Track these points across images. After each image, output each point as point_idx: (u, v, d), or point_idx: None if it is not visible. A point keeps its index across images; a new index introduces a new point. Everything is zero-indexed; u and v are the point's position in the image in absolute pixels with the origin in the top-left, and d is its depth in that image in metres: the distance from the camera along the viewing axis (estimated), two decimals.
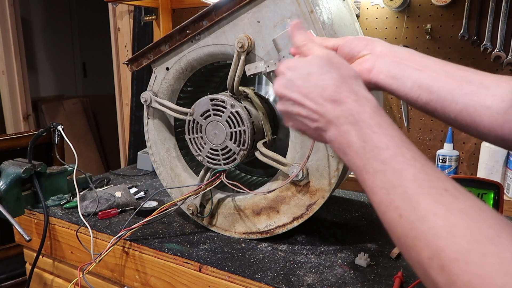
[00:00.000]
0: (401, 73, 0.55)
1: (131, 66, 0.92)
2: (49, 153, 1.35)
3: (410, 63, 0.55)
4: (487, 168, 1.04)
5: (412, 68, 0.55)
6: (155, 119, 0.93)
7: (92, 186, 1.10)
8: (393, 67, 0.56)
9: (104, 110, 3.29)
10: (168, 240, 0.87)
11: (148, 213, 0.86)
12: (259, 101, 0.87)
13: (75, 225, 0.95)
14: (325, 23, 0.73)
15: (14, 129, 2.44)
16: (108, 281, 0.96)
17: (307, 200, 0.77)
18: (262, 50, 0.76)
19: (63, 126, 1.08)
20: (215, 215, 0.89)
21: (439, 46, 1.11)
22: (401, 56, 0.56)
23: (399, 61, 0.56)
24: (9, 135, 1.31)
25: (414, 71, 0.55)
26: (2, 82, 2.38)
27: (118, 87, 1.89)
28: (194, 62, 0.85)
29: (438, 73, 0.55)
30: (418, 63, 0.55)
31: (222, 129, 0.81)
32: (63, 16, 3.58)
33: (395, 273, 0.71)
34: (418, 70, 0.55)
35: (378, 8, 1.16)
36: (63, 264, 1.04)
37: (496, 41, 1.03)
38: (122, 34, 1.81)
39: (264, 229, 0.83)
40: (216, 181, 0.84)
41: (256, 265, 0.75)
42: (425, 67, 0.55)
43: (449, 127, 1.12)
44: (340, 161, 0.73)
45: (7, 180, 0.93)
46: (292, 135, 0.78)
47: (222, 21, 0.79)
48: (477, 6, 1.04)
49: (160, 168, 0.95)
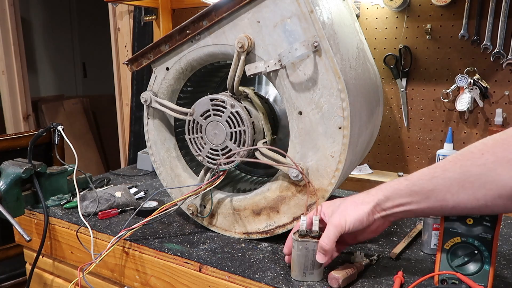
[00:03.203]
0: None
1: (131, 66, 0.92)
2: (49, 153, 1.35)
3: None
4: None
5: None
6: (155, 119, 0.93)
7: (92, 186, 1.10)
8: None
9: (104, 110, 3.29)
10: (168, 240, 0.87)
11: (148, 213, 0.86)
12: (259, 101, 0.87)
13: (75, 225, 0.95)
14: (325, 23, 0.73)
15: (14, 129, 2.45)
16: (108, 281, 0.96)
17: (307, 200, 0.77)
18: (262, 50, 0.76)
19: (63, 126, 1.07)
20: (215, 215, 0.89)
21: (439, 46, 1.11)
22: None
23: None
24: (9, 135, 1.31)
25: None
26: (2, 82, 2.38)
27: (118, 87, 1.89)
28: (194, 62, 0.85)
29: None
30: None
31: (222, 129, 0.81)
32: (63, 16, 3.58)
33: (395, 273, 0.71)
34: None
35: (378, 8, 1.16)
36: (63, 264, 1.04)
37: (496, 41, 1.03)
38: (122, 34, 1.82)
39: (264, 229, 0.83)
40: (216, 181, 0.83)
41: (256, 265, 0.75)
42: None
43: (449, 127, 1.12)
44: (340, 161, 0.74)
45: (7, 180, 0.93)
46: (292, 135, 0.78)
47: (222, 21, 0.79)
48: (477, 6, 1.04)
49: (160, 168, 0.95)
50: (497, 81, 1.06)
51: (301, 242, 0.68)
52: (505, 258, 0.79)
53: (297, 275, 0.70)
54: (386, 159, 1.24)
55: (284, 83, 0.75)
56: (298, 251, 0.68)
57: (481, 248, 0.61)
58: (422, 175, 0.60)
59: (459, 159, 0.56)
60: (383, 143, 1.23)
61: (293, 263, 0.70)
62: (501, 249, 0.83)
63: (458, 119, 1.12)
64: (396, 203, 0.62)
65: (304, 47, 0.71)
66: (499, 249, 0.83)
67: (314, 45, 0.71)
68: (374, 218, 0.64)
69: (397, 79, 1.17)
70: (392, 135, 1.21)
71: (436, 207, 0.58)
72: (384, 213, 0.63)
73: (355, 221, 0.64)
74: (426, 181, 0.58)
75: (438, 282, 0.64)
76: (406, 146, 1.20)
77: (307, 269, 0.69)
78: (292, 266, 0.70)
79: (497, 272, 0.73)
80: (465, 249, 0.62)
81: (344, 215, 0.65)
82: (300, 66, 0.73)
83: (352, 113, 0.72)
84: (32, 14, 3.32)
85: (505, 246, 0.84)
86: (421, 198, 0.59)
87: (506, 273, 0.73)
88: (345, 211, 0.65)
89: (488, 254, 0.61)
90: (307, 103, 0.74)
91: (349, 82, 0.73)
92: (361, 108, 0.80)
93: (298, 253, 0.69)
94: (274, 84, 0.77)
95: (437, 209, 0.59)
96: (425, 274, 0.65)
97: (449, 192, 0.56)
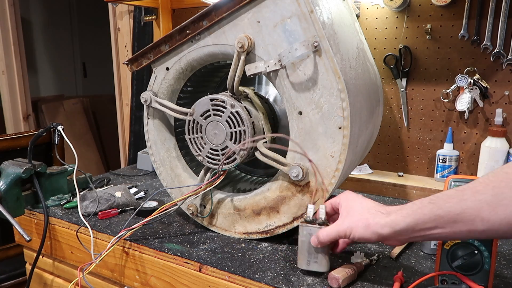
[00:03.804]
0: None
1: (131, 66, 0.92)
2: (49, 153, 1.35)
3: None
4: (487, 168, 1.04)
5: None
6: (155, 119, 0.93)
7: (92, 186, 1.10)
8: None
9: (104, 110, 3.29)
10: (168, 240, 0.87)
11: (148, 213, 0.86)
12: (259, 101, 0.87)
13: (75, 225, 0.95)
14: (325, 23, 0.73)
15: (14, 129, 2.45)
16: (108, 281, 0.96)
17: (307, 200, 0.77)
18: (262, 50, 0.76)
19: (63, 126, 1.07)
20: (215, 215, 0.89)
21: (439, 46, 1.11)
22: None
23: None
24: (9, 135, 1.31)
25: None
26: (2, 82, 2.38)
27: (118, 87, 1.89)
28: (194, 62, 0.85)
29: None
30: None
31: (222, 129, 0.81)
32: (63, 16, 3.59)
33: (395, 273, 0.71)
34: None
35: (378, 8, 1.16)
36: (63, 264, 1.04)
37: (496, 41, 1.03)
38: (122, 34, 1.82)
39: (264, 229, 0.83)
40: (216, 181, 0.83)
41: (256, 265, 0.75)
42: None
43: (449, 127, 1.12)
44: (340, 161, 0.74)
45: (7, 180, 0.93)
46: (292, 135, 0.78)
47: (222, 21, 0.79)
48: (477, 6, 1.04)
49: (160, 168, 0.95)
50: (497, 81, 1.06)
51: (305, 227, 0.70)
52: (505, 258, 0.79)
53: (302, 263, 0.71)
54: (386, 159, 1.24)
55: (284, 83, 0.75)
56: (303, 237, 0.70)
57: (481, 248, 0.61)
58: (449, 197, 0.55)
59: (491, 181, 0.52)
60: (383, 143, 1.23)
61: (299, 252, 0.71)
62: (501, 249, 0.83)
63: (458, 119, 1.12)
64: (417, 228, 0.57)
65: (304, 47, 0.71)
66: (499, 249, 0.83)
67: (314, 45, 0.71)
68: (386, 241, 0.62)
69: (397, 79, 1.17)
70: (392, 135, 1.21)
71: (463, 231, 0.54)
72: (402, 238, 0.60)
73: (360, 238, 0.63)
74: (454, 204, 0.53)
75: (438, 282, 0.64)
76: (406, 146, 1.20)
77: (311, 257, 0.70)
78: (298, 255, 0.72)
79: (497, 272, 0.74)
80: (465, 249, 0.62)
81: (353, 226, 0.63)
82: (300, 66, 0.73)
83: (352, 113, 0.72)
84: (32, 14, 3.32)
85: (505, 246, 0.84)
86: (446, 223, 0.54)
87: (506, 273, 0.73)
88: (357, 223, 0.63)
89: (488, 254, 0.61)
90: (307, 103, 0.74)
91: (349, 82, 0.74)
92: (361, 108, 0.80)
93: (303, 239, 0.70)
94: (274, 84, 0.77)
95: (463, 234, 0.54)
96: (425, 274, 0.65)
97: (479, 216, 0.52)
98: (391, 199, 1.12)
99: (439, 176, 1.12)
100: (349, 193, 0.71)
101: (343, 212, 0.67)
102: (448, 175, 0.98)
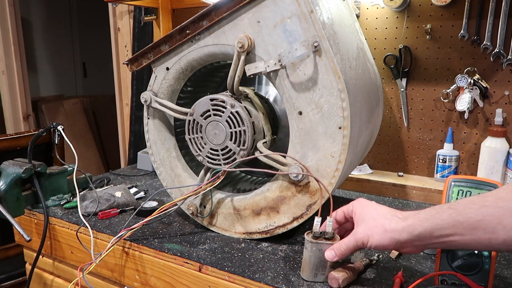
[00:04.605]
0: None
1: (131, 66, 0.92)
2: (49, 153, 1.35)
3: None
4: (487, 168, 1.04)
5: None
6: (155, 119, 0.93)
7: (92, 186, 1.10)
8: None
9: (104, 110, 3.29)
10: (168, 240, 0.87)
11: (148, 213, 0.86)
12: (259, 101, 0.87)
13: (75, 225, 0.95)
14: (325, 23, 0.73)
15: (14, 129, 2.45)
16: (108, 281, 0.96)
17: (307, 200, 0.77)
18: (262, 50, 0.76)
19: (63, 126, 1.07)
20: (215, 215, 0.89)
21: (439, 46, 1.11)
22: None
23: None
24: (9, 135, 1.31)
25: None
26: (2, 82, 2.38)
27: (118, 87, 1.89)
28: (194, 62, 0.85)
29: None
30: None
31: (222, 129, 0.81)
32: (63, 16, 3.59)
33: (395, 273, 0.71)
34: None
35: (378, 8, 1.16)
36: (63, 264, 1.04)
37: (496, 41, 1.03)
38: (122, 34, 1.82)
39: (264, 229, 0.83)
40: (216, 181, 0.83)
41: (256, 265, 0.75)
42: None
43: (449, 127, 1.12)
44: (340, 161, 0.74)
45: (7, 180, 0.93)
46: (292, 135, 0.78)
47: (222, 21, 0.79)
48: (477, 6, 1.04)
49: (160, 168, 0.95)
50: (497, 81, 1.06)
51: (315, 243, 0.68)
52: (505, 258, 0.79)
53: (308, 276, 0.70)
54: (386, 159, 1.24)
55: (284, 83, 0.75)
56: (311, 252, 0.69)
57: None
58: (470, 203, 0.53)
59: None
60: (383, 143, 1.23)
61: (304, 263, 0.70)
62: None
63: (458, 119, 1.12)
64: (435, 234, 0.54)
65: (304, 47, 0.71)
66: None
67: (314, 45, 0.71)
68: (403, 249, 0.59)
69: (397, 79, 1.17)
70: (392, 135, 1.21)
71: (483, 240, 0.51)
72: (418, 244, 0.57)
73: (378, 245, 0.60)
74: (475, 210, 0.51)
75: (438, 282, 0.64)
76: (406, 146, 1.20)
77: (319, 270, 0.69)
78: (303, 266, 0.70)
79: (497, 272, 0.74)
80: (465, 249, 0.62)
81: (369, 234, 0.61)
82: (300, 66, 0.73)
83: (352, 113, 0.72)
84: (32, 14, 3.32)
85: None
86: (466, 230, 0.52)
87: (506, 273, 0.73)
88: (373, 230, 0.61)
89: (488, 254, 0.61)
90: (307, 103, 0.74)
91: (349, 82, 0.74)
92: (361, 108, 0.80)
93: (311, 254, 0.69)
94: (274, 84, 0.77)
95: (483, 242, 0.52)
96: (425, 274, 0.65)
97: (500, 224, 0.50)
98: (391, 199, 1.11)
99: (439, 176, 1.12)
100: (362, 200, 0.67)
101: (358, 220, 0.65)
102: (448, 175, 0.98)
